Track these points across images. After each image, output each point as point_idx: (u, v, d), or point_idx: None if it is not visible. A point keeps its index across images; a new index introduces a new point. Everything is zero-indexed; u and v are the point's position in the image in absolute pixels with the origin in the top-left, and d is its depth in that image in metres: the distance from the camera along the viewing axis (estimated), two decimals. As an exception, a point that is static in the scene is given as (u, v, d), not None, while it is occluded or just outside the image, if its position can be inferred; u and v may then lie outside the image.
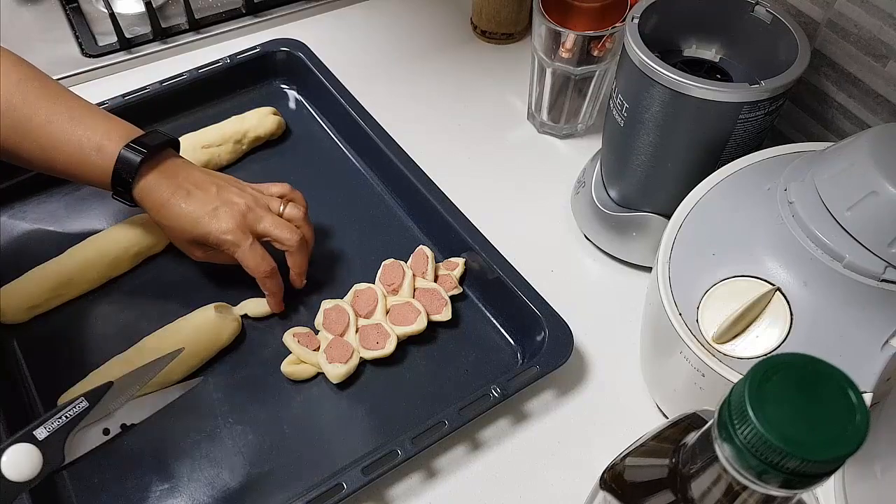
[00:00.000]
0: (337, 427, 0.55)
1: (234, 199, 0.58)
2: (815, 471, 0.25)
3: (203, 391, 0.57)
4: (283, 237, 0.58)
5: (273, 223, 0.58)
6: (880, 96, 0.58)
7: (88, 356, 0.58)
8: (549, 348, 0.55)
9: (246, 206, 0.58)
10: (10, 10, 0.86)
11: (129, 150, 0.56)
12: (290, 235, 0.58)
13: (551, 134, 0.77)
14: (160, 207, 0.56)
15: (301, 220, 0.61)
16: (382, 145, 0.69)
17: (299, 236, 0.59)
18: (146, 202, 0.57)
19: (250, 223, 0.57)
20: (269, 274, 0.58)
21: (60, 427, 0.40)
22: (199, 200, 0.57)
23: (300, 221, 0.60)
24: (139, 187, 0.56)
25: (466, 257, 0.63)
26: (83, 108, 0.57)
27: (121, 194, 0.57)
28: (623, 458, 0.35)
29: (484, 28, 0.86)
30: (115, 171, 0.55)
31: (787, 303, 0.45)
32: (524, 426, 0.56)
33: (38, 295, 0.59)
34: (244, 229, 0.57)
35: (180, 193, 0.56)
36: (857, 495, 0.48)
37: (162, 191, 0.56)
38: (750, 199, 0.49)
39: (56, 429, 0.39)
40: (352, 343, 0.58)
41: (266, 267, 0.57)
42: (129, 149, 0.56)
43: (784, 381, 0.26)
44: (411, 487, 0.53)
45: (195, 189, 0.57)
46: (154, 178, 0.56)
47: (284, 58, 0.78)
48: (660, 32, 0.57)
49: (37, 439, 0.39)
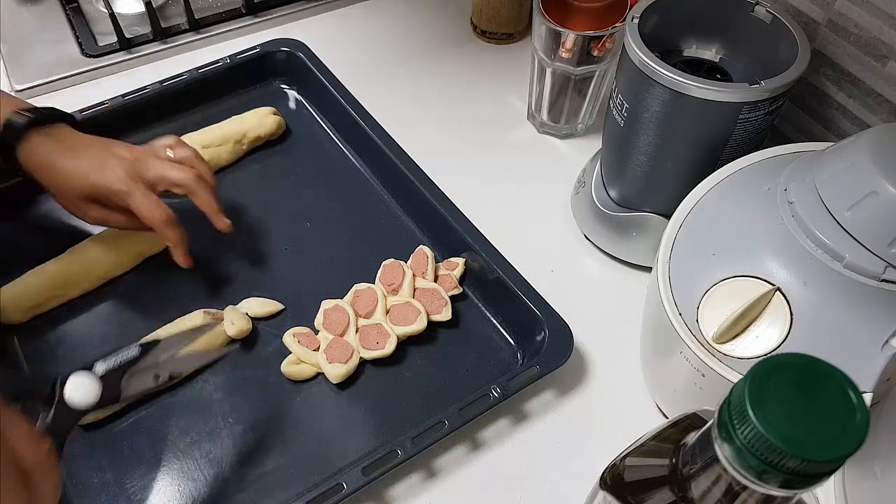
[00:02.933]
0: (337, 427, 0.55)
1: (122, 152, 0.57)
2: (815, 471, 0.25)
3: (203, 391, 0.57)
4: (178, 176, 0.57)
5: (164, 166, 0.58)
6: (880, 96, 0.58)
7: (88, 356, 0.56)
8: (549, 348, 0.55)
9: (133, 157, 0.57)
10: (10, 10, 0.86)
11: (17, 114, 0.56)
12: (184, 174, 0.58)
13: (551, 134, 0.77)
14: (48, 168, 0.56)
15: (193, 160, 0.60)
16: (382, 145, 0.69)
17: (194, 173, 0.58)
18: (31, 164, 0.56)
19: (140, 171, 0.57)
20: (167, 220, 0.57)
21: (116, 366, 0.43)
22: (85, 156, 0.56)
23: (193, 161, 0.60)
24: (24, 150, 0.56)
25: (466, 257, 0.63)
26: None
27: (7, 161, 0.57)
28: (623, 458, 0.35)
29: (484, 28, 0.86)
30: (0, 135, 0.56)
31: (787, 303, 0.45)
32: (524, 426, 0.56)
33: (38, 295, 0.59)
34: (135, 178, 0.56)
35: (67, 153, 0.56)
36: (857, 495, 0.48)
37: (49, 152, 0.56)
38: (750, 199, 0.49)
39: (112, 367, 0.43)
40: (352, 343, 0.58)
41: (162, 213, 0.56)
42: (17, 114, 0.56)
43: (784, 381, 0.26)
44: (411, 487, 0.53)
45: (81, 147, 0.57)
46: (38, 139, 0.56)
47: (284, 58, 0.78)
48: (660, 32, 0.57)
49: (95, 373, 0.43)
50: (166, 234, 0.57)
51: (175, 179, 0.57)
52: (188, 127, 0.72)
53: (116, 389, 0.44)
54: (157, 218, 0.56)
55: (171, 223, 0.57)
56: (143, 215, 0.56)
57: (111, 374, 0.43)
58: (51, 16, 0.85)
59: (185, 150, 0.60)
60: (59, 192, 0.57)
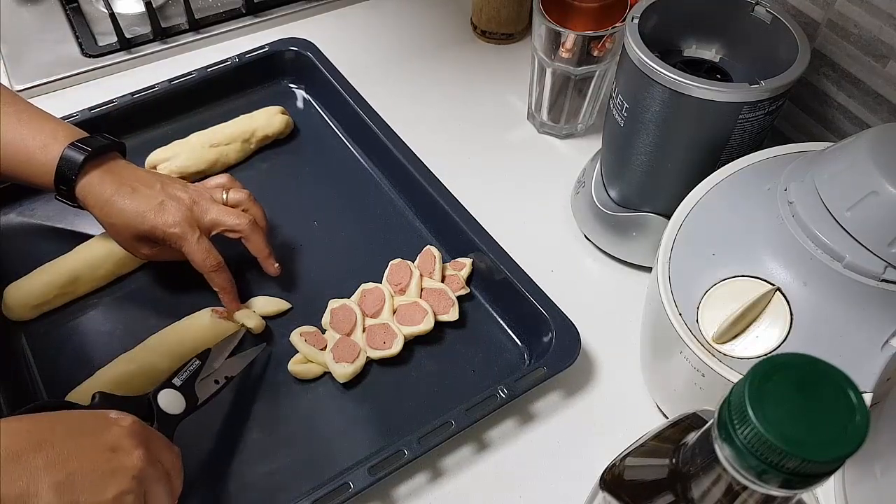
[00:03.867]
0: (343, 426, 0.55)
1: (179, 194, 0.58)
2: (815, 471, 0.25)
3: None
4: (233, 222, 0.58)
5: (220, 211, 0.58)
6: (880, 96, 0.58)
7: (95, 353, 0.58)
8: (556, 350, 0.55)
9: (191, 200, 0.58)
10: (10, 10, 0.86)
11: (73, 148, 0.56)
12: (239, 220, 0.58)
13: (551, 134, 0.77)
14: (104, 205, 0.56)
15: (248, 203, 0.61)
16: (390, 145, 0.69)
17: (248, 219, 0.59)
18: (89, 200, 0.57)
19: (197, 216, 0.57)
20: (217, 268, 0.58)
21: (188, 378, 0.51)
22: (143, 196, 0.56)
23: (247, 204, 0.61)
24: (81, 185, 0.56)
25: (474, 258, 0.63)
26: (31, 110, 0.58)
27: (64, 194, 0.57)
28: (623, 458, 0.35)
29: (484, 28, 0.86)
30: (58, 168, 0.55)
31: (787, 303, 0.45)
32: (529, 427, 0.56)
33: (45, 292, 0.60)
34: (191, 222, 0.57)
35: (124, 190, 0.56)
36: (857, 495, 0.48)
37: (105, 188, 0.56)
38: (750, 199, 0.49)
39: (185, 379, 0.51)
40: (359, 343, 0.58)
41: (213, 261, 0.57)
42: (74, 147, 0.56)
43: (784, 381, 0.26)
44: (417, 487, 0.53)
45: (139, 185, 0.57)
46: (97, 175, 0.56)
47: (293, 57, 0.78)
48: (660, 32, 0.57)
49: (175, 386, 0.51)
50: (216, 280, 0.58)
51: (231, 226, 0.58)
52: (196, 126, 0.72)
53: (195, 396, 0.51)
54: (209, 265, 0.57)
55: (222, 270, 0.58)
56: (195, 262, 0.57)
57: (187, 383, 0.51)
58: (51, 16, 0.85)
59: (240, 193, 0.61)
60: (115, 229, 0.58)
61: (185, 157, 0.69)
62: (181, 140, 0.70)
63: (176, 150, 0.69)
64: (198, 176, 0.70)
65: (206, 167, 0.70)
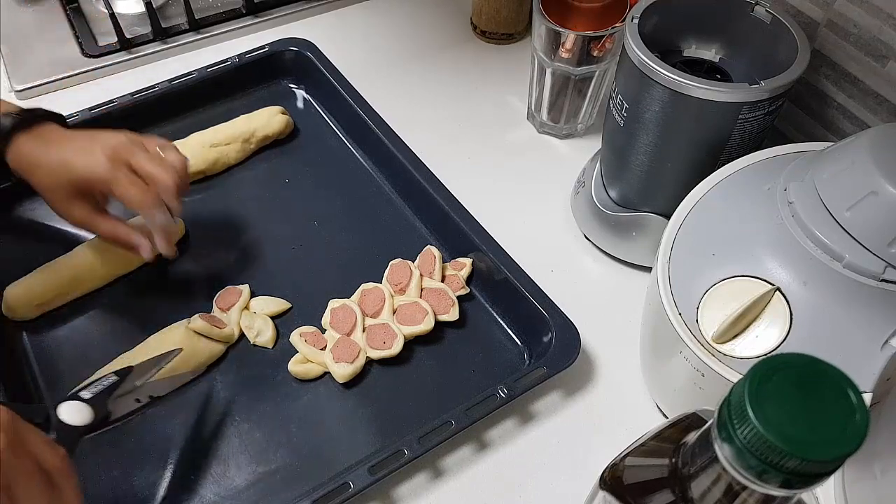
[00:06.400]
0: (343, 426, 0.55)
1: (107, 139, 0.55)
2: (815, 471, 0.25)
3: (210, 389, 0.57)
4: (157, 172, 0.54)
5: (148, 158, 0.55)
6: (880, 96, 0.58)
7: (96, 353, 0.58)
8: (556, 349, 0.56)
9: (118, 142, 0.55)
10: (10, 10, 0.86)
11: (3, 117, 0.55)
12: (165, 173, 0.54)
13: (551, 134, 0.77)
14: (33, 165, 0.55)
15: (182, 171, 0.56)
16: (390, 145, 0.69)
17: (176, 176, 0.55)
18: (20, 167, 0.55)
19: (124, 156, 0.54)
20: (156, 203, 0.54)
21: (100, 391, 0.48)
22: (69, 148, 0.55)
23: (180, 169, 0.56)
24: (11, 152, 0.55)
25: (474, 258, 0.63)
26: None
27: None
28: (623, 458, 0.35)
29: (484, 28, 0.86)
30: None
31: (787, 303, 0.45)
32: (529, 427, 0.56)
33: (46, 292, 0.60)
34: (117, 162, 0.54)
35: (51, 147, 0.55)
36: (857, 495, 0.48)
37: (34, 150, 0.55)
38: (750, 199, 0.49)
39: (97, 392, 0.48)
40: (358, 342, 0.58)
41: (150, 197, 0.54)
42: (3, 116, 0.55)
43: (784, 381, 0.26)
44: (417, 487, 0.53)
45: (65, 140, 0.56)
46: (27, 140, 0.55)
47: (293, 57, 0.78)
48: (660, 32, 0.57)
49: (83, 398, 0.47)
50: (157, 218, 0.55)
51: (155, 175, 0.54)
52: (196, 126, 0.72)
53: (105, 410, 0.48)
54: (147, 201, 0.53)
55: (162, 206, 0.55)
56: (130, 200, 0.54)
57: (97, 397, 0.47)
58: (51, 16, 0.86)
59: (176, 153, 0.57)
60: (45, 188, 0.56)
61: (185, 157, 0.69)
62: (181, 140, 0.70)
63: (176, 150, 0.69)
64: (198, 176, 0.70)
65: (206, 167, 0.70)
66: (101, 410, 0.47)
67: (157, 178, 0.54)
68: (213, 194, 0.69)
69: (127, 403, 0.50)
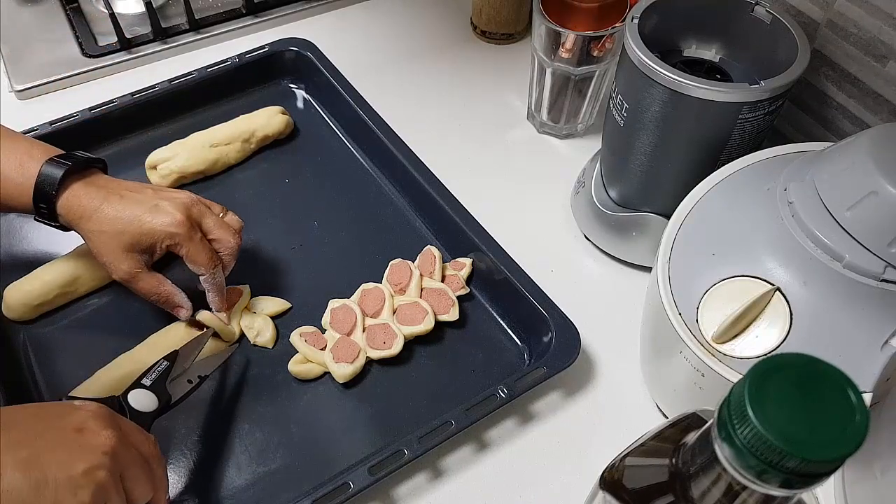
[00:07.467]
0: (343, 426, 0.55)
1: (175, 195, 0.55)
2: (815, 471, 0.25)
3: (210, 390, 0.57)
4: (224, 236, 0.56)
5: (216, 221, 0.56)
6: (880, 96, 0.58)
7: (96, 353, 0.58)
8: (556, 349, 0.55)
9: (189, 200, 0.55)
10: (10, 10, 0.86)
11: (52, 164, 0.52)
12: (232, 239, 0.56)
13: (551, 134, 0.77)
14: (92, 214, 0.53)
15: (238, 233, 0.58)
16: (390, 145, 0.69)
17: (238, 243, 0.57)
18: (74, 214, 0.53)
19: (196, 216, 0.55)
20: (218, 264, 0.56)
21: (158, 377, 0.51)
22: (136, 200, 0.53)
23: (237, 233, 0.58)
24: (64, 199, 0.52)
25: (474, 258, 0.63)
26: (3, 133, 0.54)
27: (44, 214, 0.53)
28: (623, 458, 0.35)
29: (484, 28, 0.86)
30: (37, 185, 0.52)
31: (787, 303, 0.45)
32: (529, 427, 0.56)
33: (46, 292, 0.60)
34: (192, 222, 0.54)
35: (113, 198, 0.53)
36: (857, 495, 0.48)
37: (92, 199, 0.53)
38: (750, 199, 0.49)
39: (155, 379, 0.51)
40: (358, 343, 0.58)
41: (217, 259, 0.55)
42: (52, 163, 0.53)
43: (784, 381, 0.26)
44: (417, 487, 0.53)
45: (128, 192, 0.54)
46: (80, 188, 0.53)
47: (293, 57, 0.78)
48: (660, 32, 0.57)
49: (145, 385, 0.50)
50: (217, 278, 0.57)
51: (223, 240, 0.56)
52: (196, 126, 0.72)
53: (167, 394, 0.51)
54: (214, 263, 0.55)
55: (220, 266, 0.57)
56: (199, 262, 0.55)
57: (157, 383, 0.51)
58: (51, 16, 0.86)
59: (236, 218, 0.59)
60: (99, 239, 0.53)
61: (185, 157, 0.69)
62: (181, 140, 0.70)
63: (176, 150, 0.69)
64: (198, 176, 0.70)
65: (206, 167, 0.70)
66: (164, 394, 0.51)
67: (224, 241, 0.56)
68: (214, 194, 0.69)
69: (182, 385, 0.52)
